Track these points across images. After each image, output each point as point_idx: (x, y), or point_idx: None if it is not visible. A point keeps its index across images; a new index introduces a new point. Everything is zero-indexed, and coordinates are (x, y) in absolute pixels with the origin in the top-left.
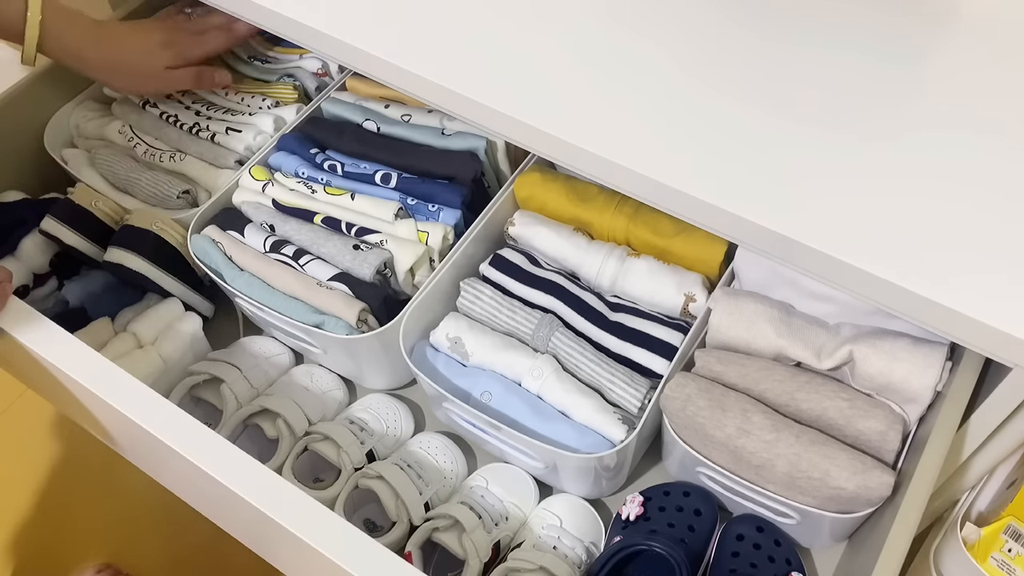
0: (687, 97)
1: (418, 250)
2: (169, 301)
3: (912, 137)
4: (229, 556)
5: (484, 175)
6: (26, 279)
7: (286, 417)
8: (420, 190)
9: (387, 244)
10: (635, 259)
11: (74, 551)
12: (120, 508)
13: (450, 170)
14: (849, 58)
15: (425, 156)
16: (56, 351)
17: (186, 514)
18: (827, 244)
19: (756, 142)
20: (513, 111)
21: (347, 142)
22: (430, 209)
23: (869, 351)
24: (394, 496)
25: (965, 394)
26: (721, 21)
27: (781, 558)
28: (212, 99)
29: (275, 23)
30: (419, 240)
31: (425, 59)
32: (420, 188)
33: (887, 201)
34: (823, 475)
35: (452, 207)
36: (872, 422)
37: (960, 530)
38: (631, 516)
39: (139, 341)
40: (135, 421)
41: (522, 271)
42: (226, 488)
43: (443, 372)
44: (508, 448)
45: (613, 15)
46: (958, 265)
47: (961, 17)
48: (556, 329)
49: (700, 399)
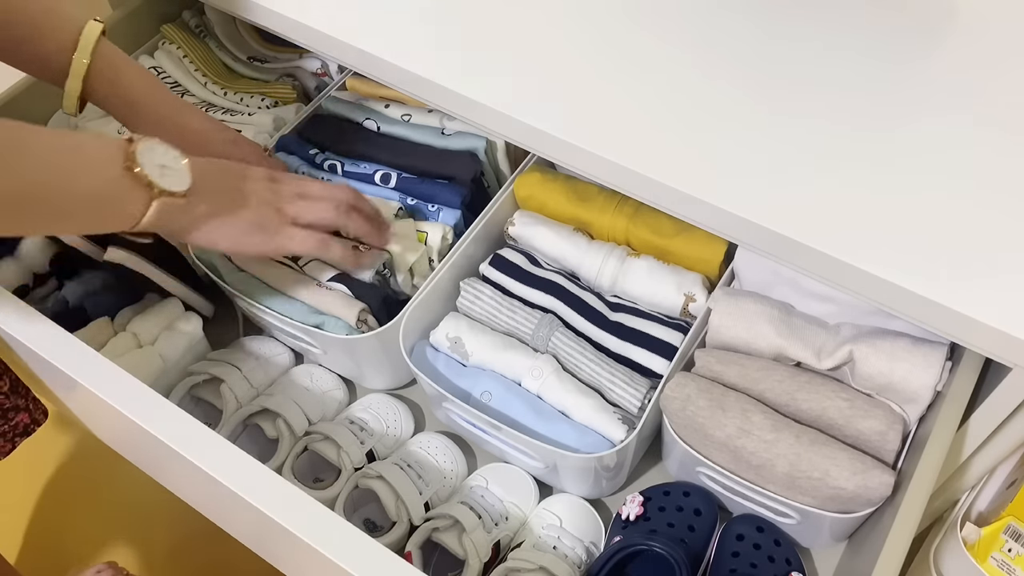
0: (687, 97)
1: (417, 250)
2: (169, 301)
3: (912, 137)
4: (229, 556)
5: (484, 175)
6: (26, 279)
7: (286, 417)
8: (420, 190)
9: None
10: (635, 259)
11: (74, 551)
12: (120, 508)
13: (450, 170)
14: (849, 59)
15: (425, 156)
16: (56, 351)
17: (186, 514)
18: (827, 244)
19: (756, 142)
20: (513, 111)
21: (347, 141)
22: (430, 209)
23: (869, 351)
24: (394, 496)
25: (965, 394)
26: (721, 20)
27: (781, 558)
28: (212, 99)
29: (275, 23)
30: (419, 240)
31: (425, 59)
32: (420, 188)
33: (887, 201)
34: (823, 475)
35: (452, 207)
36: (872, 422)
37: (960, 530)
38: (631, 516)
39: (139, 341)
40: (135, 421)
41: (522, 271)
42: (226, 488)
43: (443, 372)
44: (508, 448)
45: (613, 15)
46: (958, 265)
47: (959, 15)
48: (556, 329)
49: (700, 399)
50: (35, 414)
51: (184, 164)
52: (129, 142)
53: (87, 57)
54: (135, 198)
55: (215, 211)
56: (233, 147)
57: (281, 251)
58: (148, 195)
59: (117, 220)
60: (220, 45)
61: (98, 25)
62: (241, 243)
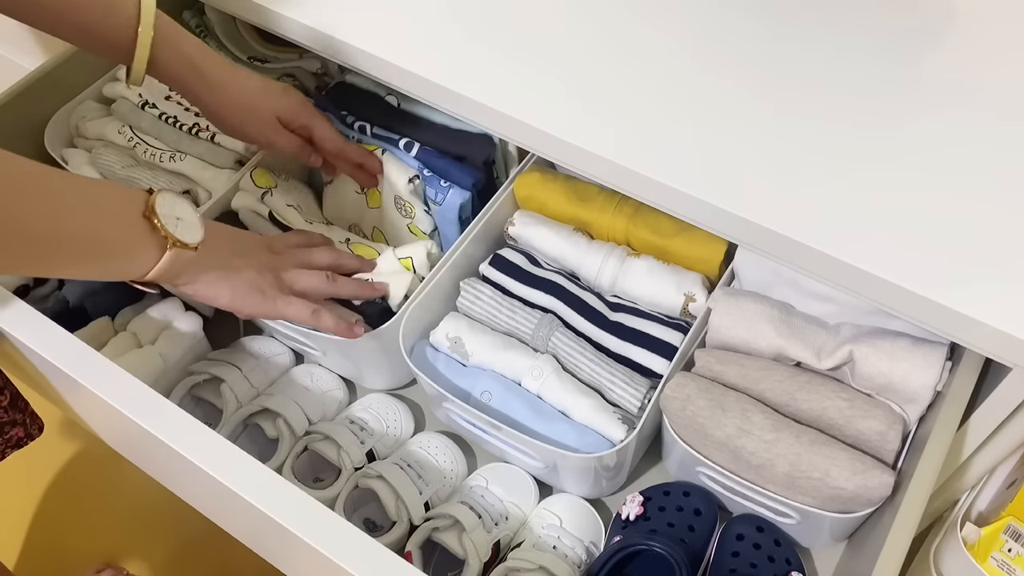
0: (686, 97)
1: (406, 281)
2: (169, 301)
3: (912, 138)
4: (229, 556)
5: (495, 162)
6: (26, 279)
7: (286, 417)
8: (437, 164)
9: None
10: (635, 259)
11: (74, 550)
12: (120, 507)
13: (464, 149)
14: (850, 59)
15: (442, 134)
16: (56, 351)
17: (186, 514)
18: (827, 244)
19: (756, 142)
20: (513, 111)
21: (372, 111)
22: (442, 184)
23: (869, 351)
24: (394, 496)
25: (965, 394)
26: (722, 19)
27: (781, 558)
28: None
29: (275, 23)
30: (404, 268)
31: (425, 58)
32: (438, 163)
33: (887, 202)
34: (823, 475)
35: (463, 187)
36: (872, 422)
37: (960, 530)
38: (631, 516)
39: (139, 340)
40: (135, 421)
41: (522, 271)
42: (226, 488)
43: (443, 372)
44: (508, 448)
45: (616, 10)
46: (958, 265)
47: (958, 14)
48: (556, 329)
49: (700, 399)
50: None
51: (197, 219)
52: (148, 193)
53: (151, 28)
54: (149, 246)
55: (219, 267)
56: (286, 97)
57: (277, 316)
58: (162, 245)
59: (129, 266)
60: (220, 45)
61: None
62: (240, 302)
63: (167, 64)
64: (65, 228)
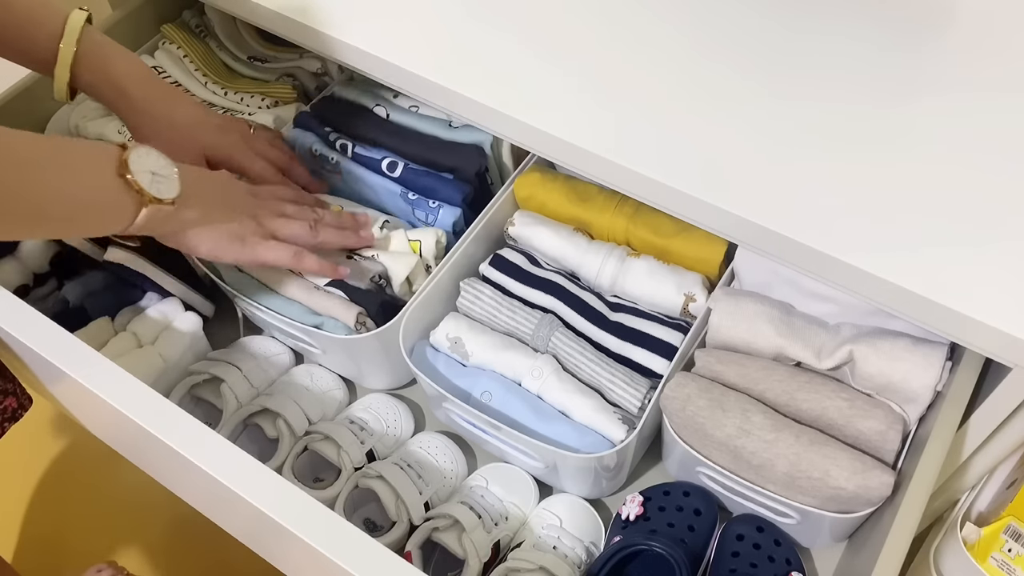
0: (687, 97)
1: (411, 261)
2: (169, 301)
3: (912, 137)
4: (229, 556)
5: (488, 171)
6: (26, 279)
7: (286, 417)
8: (423, 183)
9: (379, 258)
10: (635, 259)
11: (74, 549)
12: (120, 507)
13: (454, 162)
14: (850, 59)
15: (431, 146)
16: (56, 351)
17: (186, 513)
18: (827, 244)
19: (756, 142)
20: (513, 111)
21: (357, 125)
22: (430, 206)
23: (869, 351)
24: (394, 496)
25: (965, 394)
26: (726, 14)
27: (781, 558)
28: (212, 99)
29: (275, 23)
30: (412, 251)
31: (425, 58)
32: (423, 181)
33: (887, 201)
34: (823, 475)
35: (452, 204)
36: (872, 422)
37: (960, 530)
38: (631, 516)
39: (139, 341)
40: (135, 421)
41: (522, 271)
42: (226, 488)
43: (443, 372)
44: (508, 448)
45: (613, 13)
46: (958, 265)
47: (957, 13)
48: (556, 329)
49: (700, 399)
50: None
51: (175, 172)
52: (122, 148)
53: (73, 44)
54: (125, 204)
55: (199, 219)
56: (221, 134)
57: (256, 261)
58: (138, 202)
59: (107, 224)
60: (220, 45)
61: (82, 13)
62: (219, 251)
63: (91, 85)
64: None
